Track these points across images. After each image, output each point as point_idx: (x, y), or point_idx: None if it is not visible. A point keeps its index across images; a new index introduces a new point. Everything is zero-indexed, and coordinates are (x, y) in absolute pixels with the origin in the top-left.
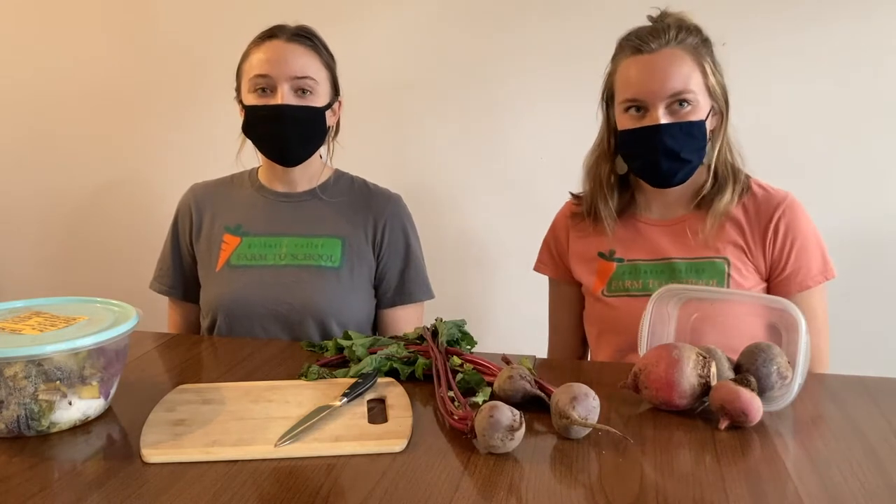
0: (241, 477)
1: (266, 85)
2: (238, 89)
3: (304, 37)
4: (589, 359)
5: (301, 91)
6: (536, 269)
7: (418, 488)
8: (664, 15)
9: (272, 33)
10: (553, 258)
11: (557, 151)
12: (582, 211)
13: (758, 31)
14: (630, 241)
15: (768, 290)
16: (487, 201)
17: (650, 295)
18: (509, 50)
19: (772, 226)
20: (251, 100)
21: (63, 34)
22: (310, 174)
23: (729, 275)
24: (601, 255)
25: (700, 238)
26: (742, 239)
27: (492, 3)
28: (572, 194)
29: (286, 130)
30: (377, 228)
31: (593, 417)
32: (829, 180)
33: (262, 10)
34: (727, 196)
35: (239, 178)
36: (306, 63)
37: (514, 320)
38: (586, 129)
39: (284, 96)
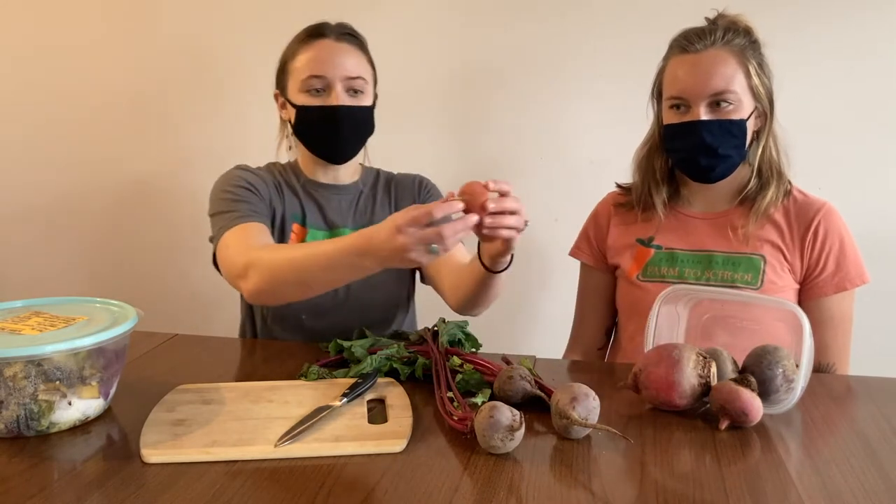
0: (241, 477)
1: (321, 86)
2: (281, 86)
3: (351, 35)
4: (612, 340)
5: (353, 91)
6: (572, 254)
7: (418, 488)
8: (720, 16)
9: (319, 32)
10: (591, 244)
11: (559, 151)
12: (629, 201)
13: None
14: (671, 230)
15: (805, 291)
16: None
17: (685, 283)
18: (517, 51)
19: (811, 229)
20: (303, 100)
21: (69, 33)
22: (351, 169)
23: (764, 271)
24: (640, 241)
25: (740, 234)
26: (781, 240)
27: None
28: (618, 185)
29: (343, 130)
30: None
31: (593, 417)
32: (830, 180)
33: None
34: (770, 194)
35: (284, 170)
36: (357, 62)
37: (514, 320)
38: (592, 129)
39: (340, 97)
